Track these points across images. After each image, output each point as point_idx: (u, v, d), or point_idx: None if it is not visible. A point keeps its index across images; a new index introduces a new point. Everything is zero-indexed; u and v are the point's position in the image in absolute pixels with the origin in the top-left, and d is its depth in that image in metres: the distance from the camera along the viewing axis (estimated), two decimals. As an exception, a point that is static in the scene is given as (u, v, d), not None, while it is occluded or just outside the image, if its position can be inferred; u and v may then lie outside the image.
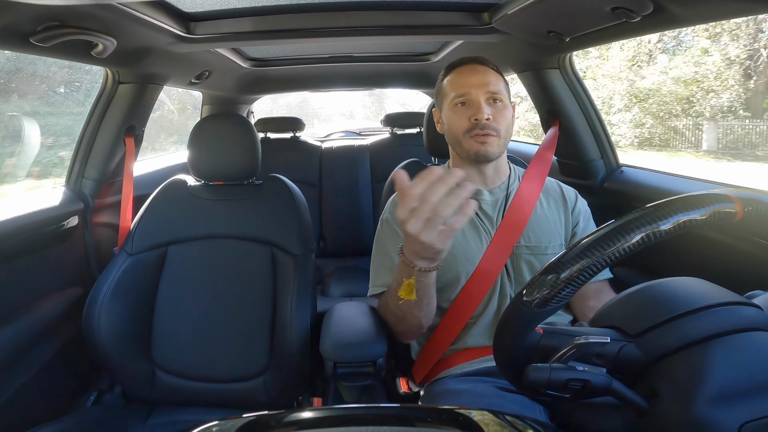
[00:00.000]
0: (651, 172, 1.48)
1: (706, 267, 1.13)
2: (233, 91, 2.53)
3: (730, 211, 0.52)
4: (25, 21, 0.93)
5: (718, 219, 0.52)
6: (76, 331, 1.35)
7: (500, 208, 1.14)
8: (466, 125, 1.08)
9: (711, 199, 0.52)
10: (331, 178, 2.59)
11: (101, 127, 1.50)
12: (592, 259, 0.51)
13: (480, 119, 1.06)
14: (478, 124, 1.06)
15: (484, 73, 1.10)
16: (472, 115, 1.07)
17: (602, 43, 1.27)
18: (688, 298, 0.55)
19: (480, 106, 1.06)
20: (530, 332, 0.56)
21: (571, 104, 1.57)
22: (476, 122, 1.06)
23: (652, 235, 0.50)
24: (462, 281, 1.09)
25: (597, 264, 0.51)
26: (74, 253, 1.50)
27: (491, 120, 1.06)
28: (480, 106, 1.06)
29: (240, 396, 1.27)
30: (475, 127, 1.07)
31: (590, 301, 1.10)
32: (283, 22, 1.37)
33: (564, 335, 0.56)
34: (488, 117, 1.06)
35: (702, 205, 0.51)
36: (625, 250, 0.51)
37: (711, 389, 0.47)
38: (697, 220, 0.51)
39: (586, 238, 0.53)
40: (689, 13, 0.95)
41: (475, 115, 1.06)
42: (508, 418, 0.59)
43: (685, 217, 0.50)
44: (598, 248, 0.51)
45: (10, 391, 1.16)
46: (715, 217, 0.51)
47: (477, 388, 0.99)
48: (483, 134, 1.07)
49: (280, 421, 0.60)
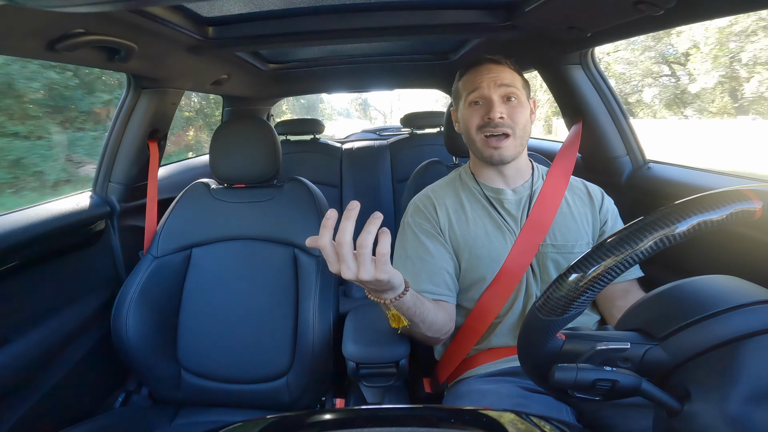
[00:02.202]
0: (679, 168, 1.44)
1: (741, 264, 1.09)
2: (252, 93, 2.55)
3: (750, 210, 0.49)
4: (51, 28, 0.95)
5: (738, 218, 0.49)
6: (104, 333, 1.38)
7: (524, 207, 1.13)
8: (478, 122, 1.08)
9: (728, 198, 0.49)
10: (351, 179, 2.59)
11: (125, 133, 1.53)
12: (606, 266, 0.50)
13: (493, 118, 1.05)
14: (491, 122, 1.05)
15: (499, 71, 1.09)
16: (485, 113, 1.07)
17: (625, 37, 1.24)
18: (715, 297, 0.53)
19: (493, 104, 1.05)
20: (552, 339, 0.55)
21: (594, 100, 1.54)
22: (489, 120, 1.06)
23: (666, 240, 0.48)
24: (487, 281, 1.08)
25: (612, 271, 0.50)
26: (102, 257, 1.53)
27: (505, 118, 1.05)
28: (493, 104, 1.05)
29: (263, 397, 1.28)
30: (488, 125, 1.06)
31: (618, 301, 1.08)
32: (300, 24, 1.38)
33: (586, 340, 0.55)
34: (501, 116, 1.05)
35: (720, 205, 0.49)
36: (638, 256, 0.49)
37: (746, 388, 0.46)
38: (714, 221, 0.48)
39: (599, 244, 0.52)
40: (715, 5, 0.93)
41: (488, 114, 1.06)
42: (534, 419, 0.58)
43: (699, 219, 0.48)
44: (612, 253, 0.50)
45: (41, 393, 1.19)
46: (735, 216, 0.49)
47: (502, 388, 0.98)
48: (496, 136, 1.06)
49: (303, 422, 0.60)
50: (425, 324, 0.97)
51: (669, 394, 0.51)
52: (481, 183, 1.16)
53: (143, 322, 1.25)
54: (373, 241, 0.70)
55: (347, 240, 0.69)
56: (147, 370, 1.27)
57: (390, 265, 0.75)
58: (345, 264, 0.71)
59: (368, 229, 0.69)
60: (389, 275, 0.75)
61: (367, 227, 0.69)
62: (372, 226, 0.69)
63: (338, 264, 0.71)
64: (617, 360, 0.53)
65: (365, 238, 0.69)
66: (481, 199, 1.14)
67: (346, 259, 0.70)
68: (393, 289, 0.82)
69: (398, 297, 0.84)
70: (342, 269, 0.71)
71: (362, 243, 0.69)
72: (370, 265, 0.72)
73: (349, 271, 0.71)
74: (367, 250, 0.70)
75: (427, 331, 0.99)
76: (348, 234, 0.69)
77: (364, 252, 0.70)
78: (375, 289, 0.81)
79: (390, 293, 0.83)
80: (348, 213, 0.69)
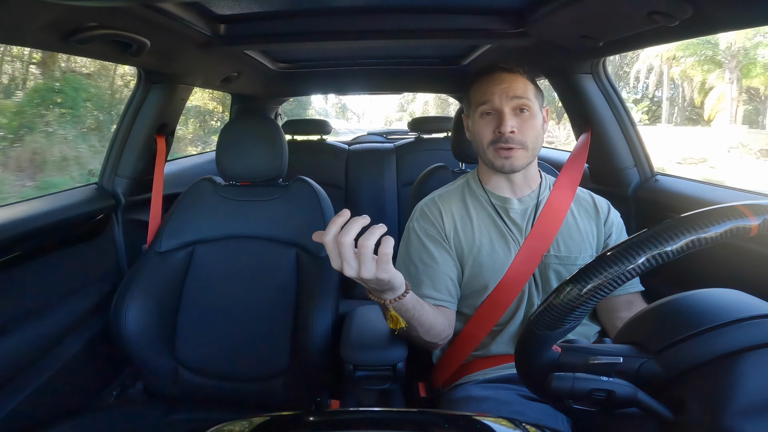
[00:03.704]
0: (687, 181, 1.43)
1: (744, 277, 1.07)
2: (261, 92, 2.56)
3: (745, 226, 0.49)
4: (65, 22, 0.96)
5: (733, 235, 0.49)
6: (102, 326, 1.38)
7: (530, 217, 1.12)
8: (490, 137, 1.06)
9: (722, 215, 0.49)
10: (356, 181, 2.59)
11: (134, 126, 1.54)
12: (600, 281, 0.50)
13: (504, 132, 1.03)
14: (502, 137, 1.04)
15: (511, 81, 1.06)
16: (496, 127, 1.05)
17: (638, 47, 1.24)
18: (712, 311, 0.54)
19: (504, 118, 1.03)
20: (547, 352, 0.56)
21: (604, 110, 1.53)
22: (500, 135, 1.04)
23: (659, 257, 0.48)
24: (489, 289, 1.08)
25: (605, 287, 0.50)
26: (105, 250, 1.53)
27: (516, 133, 1.03)
28: (504, 118, 1.03)
29: (259, 395, 1.28)
30: (499, 140, 1.04)
31: (621, 312, 1.06)
32: (311, 24, 1.38)
33: (582, 353, 0.55)
34: (512, 130, 1.03)
35: (713, 223, 0.48)
36: (630, 273, 0.49)
37: (741, 402, 0.46)
38: (708, 238, 0.48)
39: (592, 261, 0.52)
40: (731, 17, 0.92)
41: (499, 128, 1.04)
42: (528, 426, 0.58)
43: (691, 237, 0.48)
44: (604, 269, 0.50)
45: (36, 384, 1.19)
46: (730, 233, 0.49)
47: (499, 395, 0.98)
48: (507, 148, 1.05)
49: (297, 423, 0.60)
50: (423, 328, 0.97)
51: (664, 406, 0.51)
52: (489, 191, 1.15)
53: (142, 317, 1.25)
54: (375, 242, 0.73)
55: (347, 240, 0.72)
56: (143, 365, 1.27)
57: (391, 266, 0.78)
58: (346, 262, 0.74)
59: (372, 231, 0.72)
60: (390, 275, 0.78)
61: (371, 230, 0.72)
62: (377, 230, 0.72)
63: (340, 260, 0.74)
64: (612, 373, 0.54)
65: (367, 238, 0.72)
66: (487, 207, 1.14)
67: (347, 257, 0.73)
68: (393, 289, 0.84)
69: (398, 298, 0.87)
70: (344, 266, 0.74)
71: (363, 243, 0.72)
72: (371, 264, 0.74)
73: (350, 269, 0.74)
74: (368, 250, 0.73)
75: (425, 335, 0.99)
76: (350, 234, 0.72)
77: (366, 252, 0.73)
78: (376, 289, 0.84)
79: (390, 294, 0.85)
80: (359, 218, 0.73)
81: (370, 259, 0.74)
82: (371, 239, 0.72)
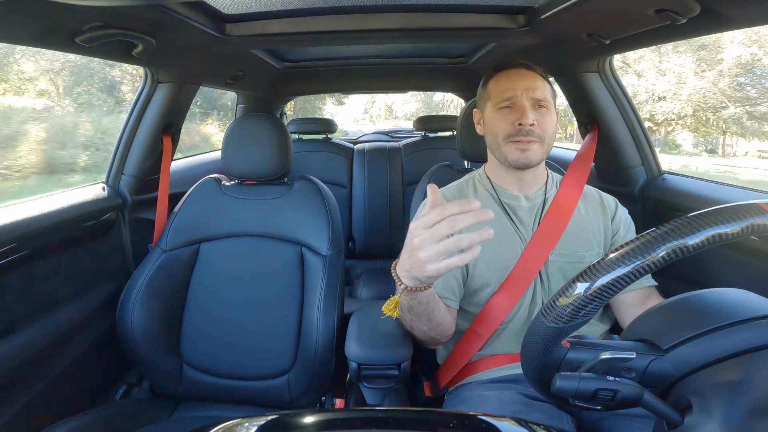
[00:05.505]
0: (694, 180, 1.42)
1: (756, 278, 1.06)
2: (267, 91, 2.57)
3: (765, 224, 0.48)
4: (71, 22, 0.96)
5: (753, 232, 0.48)
6: (109, 325, 1.39)
7: (537, 215, 1.12)
8: (509, 129, 1.06)
9: (745, 212, 0.48)
10: (361, 180, 2.59)
11: (140, 126, 1.54)
12: (616, 275, 0.49)
13: (524, 124, 1.04)
14: (522, 129, 1.04)
15: (532, 78, 1.08)
16: (516, 119, 1.05)
17: (645, 46, 1.22)
18: (724, 310, 0.53)
19: (525, 110, 1.04)
20: (557, 347, 0.55)
21: (611, 109, 1.53)
22: (520, 127, 1.04)
23: (679, 251, 0.47)
24: (494, 287, 1.07)
25: (622, 280, 0.49)
26: (111, 248, 1.54)
27: (535, 126, 1.04)
28: (525, 110, 1.04)
29: (264, 394, 1.28)
30: (519, 133, 1.05)
31: (637, 307, 1.06)
32: (317, 24, 1.38)
33: (591, 348, 0.54)
34: (533, 123, 1.04)
35: (735, 219, 0.47)
36: (649, 267, 0.48)
37: (750, 402, 0.45)
38: (729, 234, 0.47)
39: (609, 254, 0.51)
40: (739, 16, 0.91)
41: (520, 120, 1.04)
42: (533, 426, 0.58)
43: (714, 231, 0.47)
44: (625, 262, 0.48)
45: (44, 382, 1.19)
46: (750, 230, 0.47)
47: (503, 395, 0.98)
48: (526, 141, 1.05)
49: (302, 422, 0.60)
50: (432, 323, 0.96)
51: (670, 406, 0.50)
52: (497, 187, 1.15)
53: (149, 315, 1.26)
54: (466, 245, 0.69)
55: (455, 227, 0.69)
56: (149, 363, 1.28)
57: (443, 270, 0.74)
58: (431, 235, 0.70)
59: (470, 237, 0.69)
60: (434, 274, 0.74)
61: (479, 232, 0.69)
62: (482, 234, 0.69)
63: (424, 229, 0.71)
64: (621, 370, 0.53)
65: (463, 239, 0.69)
66: (494, 204, 1.14)
67: (435, 236, 0.70)
68: (420, 281, 0.80)
69: (416, 289, 0.82)
70: (423, 235, 0.71)
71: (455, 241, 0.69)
72: (437, 252, 0.71)
73: (421, 241, 0.71)
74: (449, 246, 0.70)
75: (430, 331, 0.99)
76: (461, 225, 0.69)
77: (448, 244, 0.70)
78: (410, 269, 0.78)
79: (416, 282, 0.81)
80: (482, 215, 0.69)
81: (440, 249, 0.70)
82: (462, 243, 0.69)
